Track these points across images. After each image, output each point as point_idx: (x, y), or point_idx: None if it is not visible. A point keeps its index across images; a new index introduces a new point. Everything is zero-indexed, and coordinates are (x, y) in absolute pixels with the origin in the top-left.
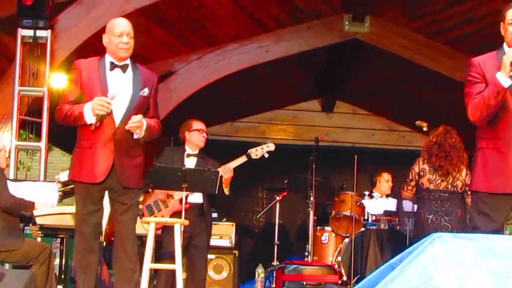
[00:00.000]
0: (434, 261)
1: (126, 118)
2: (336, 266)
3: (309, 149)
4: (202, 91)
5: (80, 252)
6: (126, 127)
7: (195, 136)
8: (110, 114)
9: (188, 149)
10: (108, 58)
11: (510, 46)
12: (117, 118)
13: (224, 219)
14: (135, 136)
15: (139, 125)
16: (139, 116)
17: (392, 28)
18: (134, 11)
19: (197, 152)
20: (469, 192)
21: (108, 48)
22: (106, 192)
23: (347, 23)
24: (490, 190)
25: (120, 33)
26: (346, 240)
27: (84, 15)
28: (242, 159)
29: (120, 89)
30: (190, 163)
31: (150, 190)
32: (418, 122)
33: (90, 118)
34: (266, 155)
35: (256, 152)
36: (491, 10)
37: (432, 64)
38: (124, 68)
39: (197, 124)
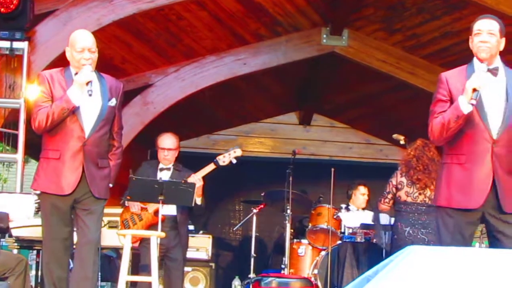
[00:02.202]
0: (409, 273)
1: (95, 129)
2: (312, 279)
3: (286, 162)
4: (180, 104)
5: (47, 267)
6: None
7: (159, 154)
8: (80, 126)
9: (161, 163)
10: (72, 71)
11: (477, 58)
12: (87, 129)
13: (201, 232)
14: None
15: None
16: None
17: (370, 41)
18: (111, 24)
19: (169, 166)
20: None
21: (71, 62)
22: None
23: (325, 36)
24: (454, 206)
25: (81, 49)
26: (323, 253)
27: (61, 27)
28: (210, 167)
29: (87, 101)
30: (164, 176)
31: (126, 204)
32: (395, 136)
33: (77, 98)
34: (234, 161)
35: (223, 159)
36: (468, 24)
37: (410, 78)
38: (87, 82)
39: (162, 142)
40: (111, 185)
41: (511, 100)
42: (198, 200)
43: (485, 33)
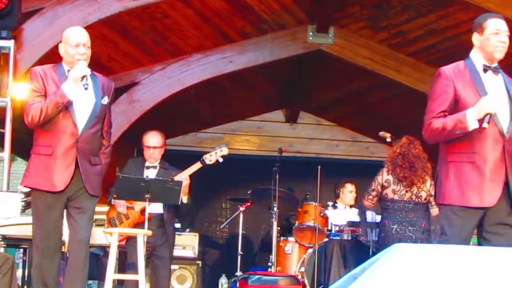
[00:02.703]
0: (396, 271)
1: (88, 126)
2: (299, 277)
3: (273, 160)
4: (166, 102)
5: (40, 267)
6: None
7: (145, 152)
8: (73, 122)
9: (147, 161)
10: (65, 67)
11: (491, 58)
12: (80, 126)
13: (188, 230)
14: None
15: None
16: None
17: (356, 39)
18: (97, 22)
19: (155, 164)
20: (433, 203)
21: (65, 58)
22: None
23: (311, 34)
24: (465, 204)
25: (76, 43)
26: (310, 250)
27: (47, 25)
28: (197, 165)
29: (81, 98)
30: (150, 174)
31: (112, 202)
32: (381, 133)
33: (72, 92)
34: (221, 160)
35: (210, 158)
36: (453, 22)
37: (396, 75)
38: (82, 77)
39: (147, 140)
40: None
41: None
42: (185, 198)
43: (504, 33)
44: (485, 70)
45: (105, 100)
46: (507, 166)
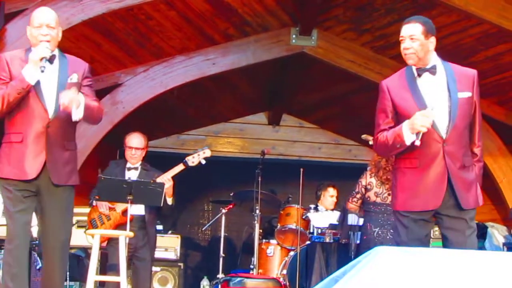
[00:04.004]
0: (377, 274)
1: (59, 110)
2: (281, 279)
3: (255, 162)
4: (149, 104)
5: (8, 258)
6: (61, 102)
7: (127, 153)
8: (42, 106)
9: (129, 163)
10: (33, 50)
11: (407, 64)
12: (50, 110)
13: (170, 232)
14: (74, 117)
15: (72, 97)
16: (73, 89)
17: (339, 42)
18: (80, 23)
19: (137, 165)
20: None
21: (31, 41)
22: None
23: (294, 36)
24: (410, 209)
25: (39, 24)
26: (292, 253)
27: None
28: (180, 167)
29: (47, 80)
30: (132, 175)
31: (94, 204)
32: (364, 136)
33: (31, 76)
34: (203, 162)
35: (193, 159)
36: (436, 25)
37: (379, 78)
38: (51, 59)
39: (129, 141)
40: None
41: (454, 96)
42: (169, 200)
43: (407, 39)
44: (419, 75)
45: (73, 78)
46: (448, 167)
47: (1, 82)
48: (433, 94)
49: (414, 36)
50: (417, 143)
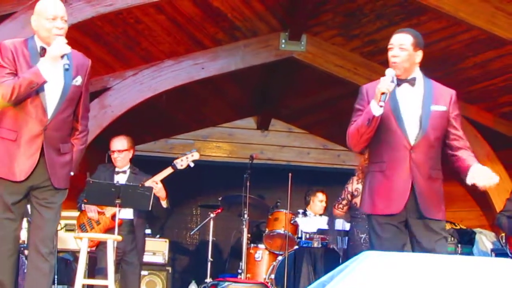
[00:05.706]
0: (365, 278)
1: (58, 111)
2: (269, 284)
3: (244, 166)
4: (137, 108)
5: None
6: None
7: (112, 157)
8: (42, 106)
9: (116, 167)
10: (38, 42)
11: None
12: (50, 111)
13: (158, 236)
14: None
15: None
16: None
17: (328, 47)
18: (69, 27)
19: (125, 169)
20: None
21: (39, 32)
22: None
23: (283, 41)
24: (374, 212)
25: (53, 16)
26: (280, 258)
27: (19, 30)
28: (168, 170)
29: (51, 78)
30: (120, 179)
31: (83, 207)
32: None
33: (48, 72)
34: (192, 164)
35: (181, 162)
36: (426, 31)
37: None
38: (61, 56)
39: (112, 145)
40: (72, 174)
41: (427, 106)
42: (164, 203)
43: (397, 47)
44: (398, 84)
45: (78, 81)
46: (412, 175)
47: (6, 71)
48: (408, 103)
49: (403, 46)
50: (381, 104)
